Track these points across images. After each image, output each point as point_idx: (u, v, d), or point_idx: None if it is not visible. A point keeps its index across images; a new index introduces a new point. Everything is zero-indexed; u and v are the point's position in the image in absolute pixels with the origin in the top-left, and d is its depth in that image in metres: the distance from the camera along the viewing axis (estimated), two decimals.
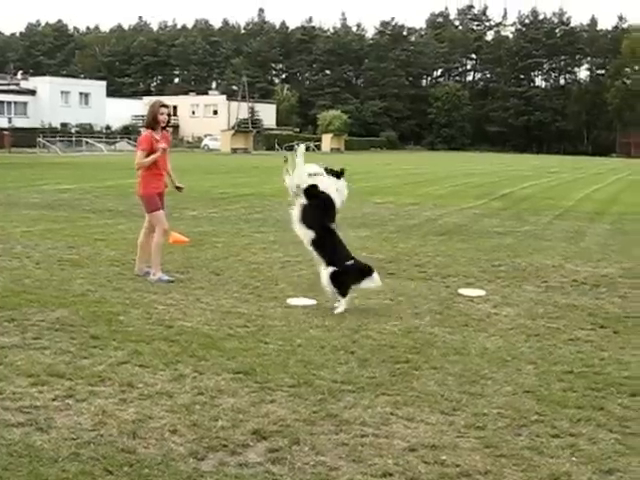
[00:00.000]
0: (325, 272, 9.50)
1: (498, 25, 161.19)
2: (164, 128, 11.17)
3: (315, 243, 9.65)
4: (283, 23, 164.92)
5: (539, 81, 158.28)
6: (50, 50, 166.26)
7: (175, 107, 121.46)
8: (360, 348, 7.79)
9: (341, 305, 9.44)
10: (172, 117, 11.19)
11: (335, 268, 9.46)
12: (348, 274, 9.50)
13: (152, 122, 11.02)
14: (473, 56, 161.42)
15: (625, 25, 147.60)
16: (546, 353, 7.83)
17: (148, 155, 10.95)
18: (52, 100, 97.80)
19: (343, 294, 9.48)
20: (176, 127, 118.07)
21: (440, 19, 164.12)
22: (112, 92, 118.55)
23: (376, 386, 6.60)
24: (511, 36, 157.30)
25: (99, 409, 5.87)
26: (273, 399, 6.22)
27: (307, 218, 9.67)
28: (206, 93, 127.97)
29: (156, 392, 6.29)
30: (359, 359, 7.40)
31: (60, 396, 6.14)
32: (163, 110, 11.00)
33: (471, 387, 6.66)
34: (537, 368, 7.29)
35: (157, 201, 11.15)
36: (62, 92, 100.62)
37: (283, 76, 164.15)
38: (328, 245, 9.66)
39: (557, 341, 8.33)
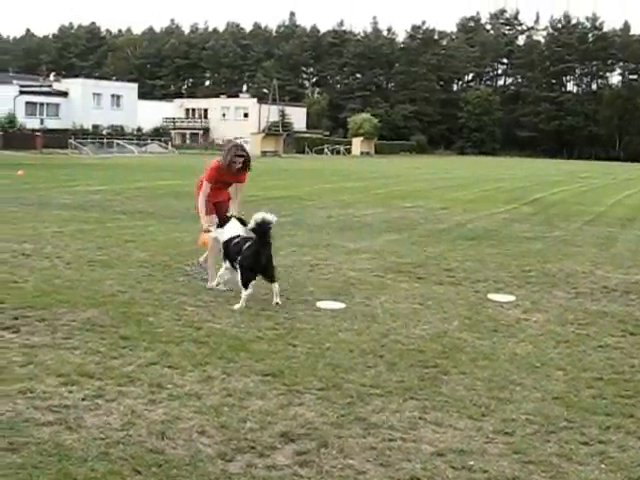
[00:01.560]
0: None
1: (530, 29, 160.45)
2: (243, 169, 11.07)
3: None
4: (314, 26, 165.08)
5: (571, 86, 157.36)
6: (83, 52, 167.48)
7: (206, 110, 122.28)
8: (389, 352, 7.78)
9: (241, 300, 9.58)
10: (249, 162, 11.03)
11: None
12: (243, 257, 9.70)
13: (227, 165, 10.92)
14: (504, 60, 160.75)
15: None
16: (575, 359, 7.79)
17: (209, 182, 10.90)
18: (84, 102, 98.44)
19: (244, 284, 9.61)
20: (206, 130, 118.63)
21: (471, 23, 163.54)
22: (143, 94, 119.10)
23: (404, 390, 6.59)
24: (543, 40, 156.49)
25: (128, 409, 5.90)
26: (301, 402, 6.23)
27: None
28: (237, 96, 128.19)
29: (185, 393, 6.31)
30: (388, 363, 7.39)
31: (90, 396, 6.17)
32: (236, 159, 10.79)
33: (500, 393, 6.63)
34: (566, 374, 7.25)
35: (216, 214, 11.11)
36: (94, 94, 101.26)
37: (314, 79, 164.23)
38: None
39: (587, 347, 8.28)
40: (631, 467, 5.23)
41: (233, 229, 10.25)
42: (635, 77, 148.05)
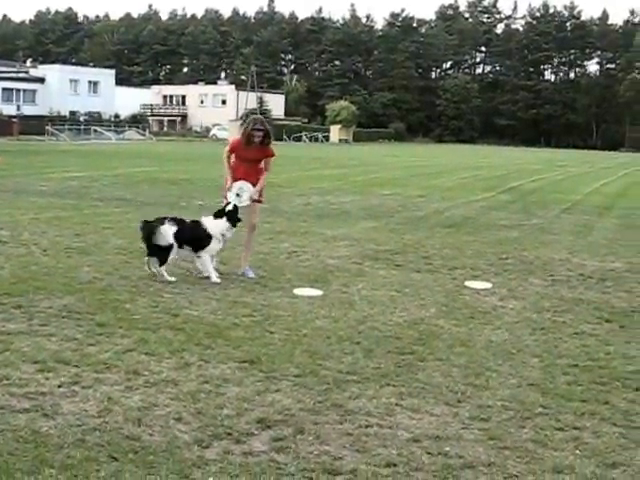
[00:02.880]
0: None
1: (508, 18, 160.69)
2: (262, 144, 11.06)
3: None
4: (292, 13, 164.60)
5: (549, 74, 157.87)
6: (59, 38, 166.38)
7: (184, 97, 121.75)
8: (365, 339, 7.80)
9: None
10: (261, 136, 10.89)
11: None
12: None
13: (245, 139, 10.96)
14: (483, 49, 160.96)
15: (637, 20, 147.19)
16: (551, 346, 7.84)
17: (231, 153, 11.11)
18: (61, 88, 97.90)
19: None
20: (184, 117, 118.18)
21: (450, 11, 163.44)
22: (121, 81, 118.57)
23: (381, 377, 6.61)
24: (521, 29, 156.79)
25: (105, 396, 5.89)
26: (278, 388, 6.24)
27: None
28: (215, 83, 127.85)
29: (162, 380, 6.31)
30: (364, 350, 7.41)
31: (66, 383, 6.16)
32: (254, 133, 10.83)
33: (476, 379, 6.66)
34: (542, 361, 7.29)
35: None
36: (71, 80, 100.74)
37: (292, 67, 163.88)
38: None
39: (563, 335, 8.33)
40: (605, 453, 5.27)
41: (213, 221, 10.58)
42: (613, 66, 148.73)
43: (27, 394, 5.88)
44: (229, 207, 10.60)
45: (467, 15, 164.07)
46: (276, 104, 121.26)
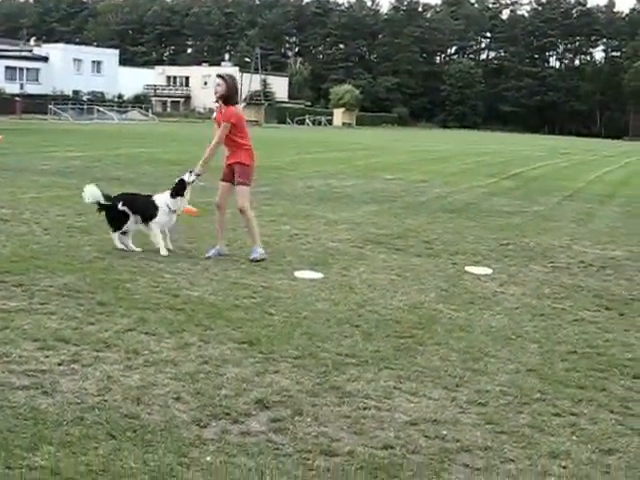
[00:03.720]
0: None
1: (514, 4, 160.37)
2: (224, 102, 10.88)
3: None
4: None
5: (553, 61, 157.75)
6: (64, 17, 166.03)
7: (187, 78, 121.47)
8: (365, 322, 7.82)
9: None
10: (221, 89, 10.63)
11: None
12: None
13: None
14: (488, 34, 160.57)
15: None
16: (550, 333, 7.85)
17: (217, 123, 11.06)
18: (64, 67, 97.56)
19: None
20: (188, 98, 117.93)
21: None
22: (125, 61, 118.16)
23: (380, 360, 6.63)
24: (527, 15, 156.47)
25: (104, 375, 5.91)
26: (277, 370, 6.26)
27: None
28: (219, 64, 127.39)
29: (161, 360, 6.33)
30: (364, 333, 7.43)
31: (66, 361, 6.18)
32: (216, 80, 10.77)
33: (474, 364, 6.68)
34: (541, 347, 7.31)
35: (223, 173, 11.52)
36: (75, 59, 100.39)
37: (296, 49, 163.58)
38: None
39: (562, 321, 8.34)
40: (601, 439, 5.29)
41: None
42: (618, 54, 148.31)
43: (27, 371, 5.90)
44: (175, 180, 11.19)
45: (473, 0, 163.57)
46: (280, 87, 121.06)
